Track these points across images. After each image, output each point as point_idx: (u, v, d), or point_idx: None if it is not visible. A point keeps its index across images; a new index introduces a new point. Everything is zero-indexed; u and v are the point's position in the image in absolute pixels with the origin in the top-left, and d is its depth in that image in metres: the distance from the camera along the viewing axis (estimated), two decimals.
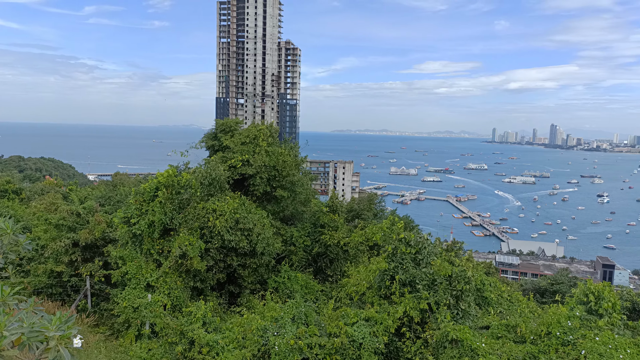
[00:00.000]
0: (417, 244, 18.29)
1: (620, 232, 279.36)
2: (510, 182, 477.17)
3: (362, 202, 42.53)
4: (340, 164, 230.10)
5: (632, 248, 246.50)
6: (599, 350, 11.64)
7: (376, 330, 14.51)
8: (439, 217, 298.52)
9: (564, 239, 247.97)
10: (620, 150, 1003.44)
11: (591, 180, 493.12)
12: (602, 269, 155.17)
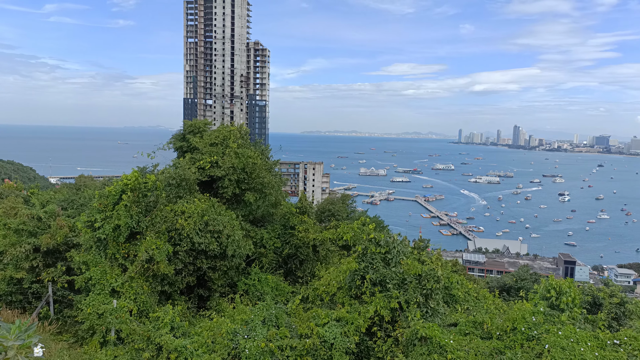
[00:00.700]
0: (387, 244, 18.48)
1: (581, 229, 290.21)
2: (476, 182, 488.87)
3: (336, 202, 42.74)
4: (310, 165, 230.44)
5: (592, 245, 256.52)
6: (562, 344, 12.03)
7: (347, 330, 14.57)
8: (408, 217, 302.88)
9: (527, 237, 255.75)
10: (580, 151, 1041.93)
11: (553, 179, 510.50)
12: (564, 265, 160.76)
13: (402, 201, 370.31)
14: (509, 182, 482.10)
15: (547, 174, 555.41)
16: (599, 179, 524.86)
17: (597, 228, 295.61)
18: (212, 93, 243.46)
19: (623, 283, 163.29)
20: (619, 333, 13.19)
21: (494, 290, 31.28)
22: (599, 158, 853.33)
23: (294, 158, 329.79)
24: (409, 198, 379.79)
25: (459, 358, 12.39)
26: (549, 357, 11.72)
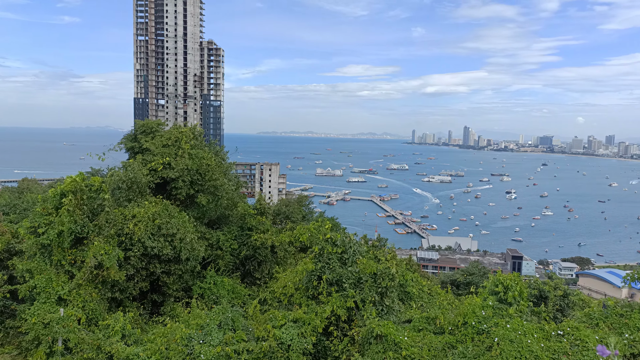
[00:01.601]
0: (343, 244, 18.66)
1: (527, 225, 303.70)
2: (429, 181, 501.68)
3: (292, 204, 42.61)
4: (266, 166, 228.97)
5: (537, 240, 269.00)
6: (510, 336, 12.56)
7: (304, 331, 14.60)
8: (363, 216, 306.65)
9: (477, 234, 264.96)
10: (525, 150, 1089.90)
11: (500, 178, 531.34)
12: (511, 260, 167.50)
13: (358, 201, 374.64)
14: (460, 181, 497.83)
15: (495, 173, 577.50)
16: (543, 178, 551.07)
17: (542, 224, 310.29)
18: (165, 93, 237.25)
19: (566, 276, 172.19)
20: (563, 324, 13.91)
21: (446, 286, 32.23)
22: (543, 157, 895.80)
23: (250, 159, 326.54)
24: (365, 198, 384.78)
25: (413, 354, 12.69)
26: (498, 349, 12.19)
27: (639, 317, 15.27)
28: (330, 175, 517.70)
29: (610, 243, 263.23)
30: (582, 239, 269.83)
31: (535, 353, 12.02)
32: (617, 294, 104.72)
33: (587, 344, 12.78)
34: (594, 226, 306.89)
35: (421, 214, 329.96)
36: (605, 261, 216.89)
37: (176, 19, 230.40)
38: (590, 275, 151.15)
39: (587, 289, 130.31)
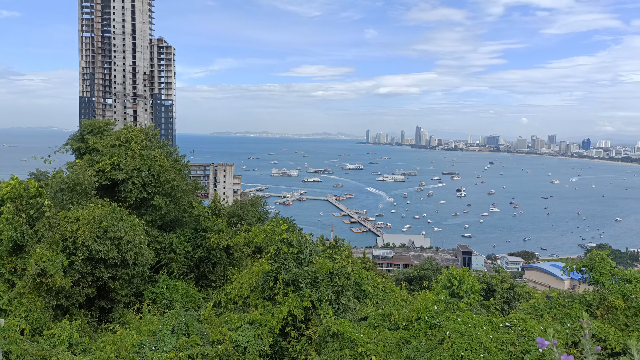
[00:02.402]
0: (299, 244, 18.66)
1: (476, 222, 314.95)
2: (383, 180, 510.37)
3: (246, 206, 42.16)
4: (220, 167, 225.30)
5: (486, 236, 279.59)
6: (461, 329, 12.98)
7: (261, 333, 14.49)
8: (319, 216, 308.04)
9: (430, 231, 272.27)
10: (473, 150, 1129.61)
11: (451, 176, 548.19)
12: (462, 255, 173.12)
13: (314, 201, 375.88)
14: (413, 180, 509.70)
15: (446, 171, 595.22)
16: (491, 176, 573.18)
17: (490, 220, 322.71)
18: (112, 92, 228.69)
19: (513, 270, 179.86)
20: (510, 316, 14.52)
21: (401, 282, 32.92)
22: (490, 156, 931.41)
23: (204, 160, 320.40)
24: (321, 197, 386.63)
25: (369, 350, 12.87)
26: (449, 342, 12.56)
27: (579, 307, 16.17)
28: (286, 176, 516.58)
29: (553, 237, 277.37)
30: (527, 234, 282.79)
31: (485, 344, 12.49)
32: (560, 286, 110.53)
33: (532, 334, 13.40)
34: (538, 222, 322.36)
35: (376, 212, 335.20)
36: (549, 255, 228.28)
37: (124, 15, 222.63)
38: (535, 268, 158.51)
39: (532, 281, 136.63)
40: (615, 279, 16.84)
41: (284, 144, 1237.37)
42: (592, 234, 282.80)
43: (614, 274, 17.09)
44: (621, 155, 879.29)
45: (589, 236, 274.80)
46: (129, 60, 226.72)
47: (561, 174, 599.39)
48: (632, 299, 16.28)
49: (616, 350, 13.82)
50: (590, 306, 16.35)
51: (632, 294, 16.27)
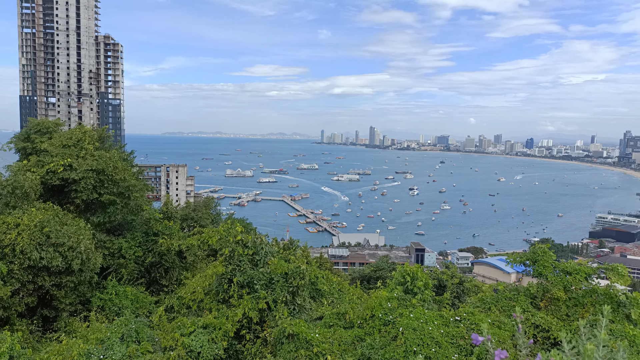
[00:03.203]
0: (254, 245, 18.49)
1: (428, 219, 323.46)
2: (338, 180, 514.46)
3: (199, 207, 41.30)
4: (173, 168, 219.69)
5: (437, 233, 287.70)
6: (413, 325, 13.28)
7: (215, 337, 14.24)
8: (275, 216, 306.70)
9: (384, 229, 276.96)
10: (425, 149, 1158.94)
11: (404, 175, 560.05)
12: (415, 253, 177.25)
13: (269, 201, 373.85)
14: (368, 179, 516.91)
15: (400, 170, 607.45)
16: (442, 174, 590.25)
17: (441, 218, 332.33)
18: (56, 90, 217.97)
19: (463, 265, 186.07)
20: (459, 310, 15.00)
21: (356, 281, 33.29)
22: (440, 155, 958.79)
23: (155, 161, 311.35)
24: (276, 198, 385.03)
25: (324, 350, 12.93)
26: (402, 338, 12.83)
27: (524, 299, 16.93)
28: (241, 176, 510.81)
29: (500, 233, 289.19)
30: (476, 230, 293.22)
31: (436, 339, 12.84)
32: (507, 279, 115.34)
33: (480, 327, 13.90)
34: (486, 218, 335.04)
35: (331, 212, 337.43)
36: (496, 249, 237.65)
37: (67, 10, 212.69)
38: (484, 263, 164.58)
39: (481, 275, 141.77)
40: (556, 272, 17.72)
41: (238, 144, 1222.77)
42: (536, 229, 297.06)
43: (556, 266, 17.99)
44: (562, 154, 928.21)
45: (533, 231, 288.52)
46: (73, 58, 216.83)
47: (507, 172, 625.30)
48: (572, 290, 17.21)
49: (558, 339, 14.58)
50: (534, 298, 17.15)
51: (573, 285, 17.19)
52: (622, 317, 16.30)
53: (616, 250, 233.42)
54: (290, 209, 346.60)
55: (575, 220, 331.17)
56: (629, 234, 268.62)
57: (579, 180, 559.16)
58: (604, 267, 17.76)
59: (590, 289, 16.87)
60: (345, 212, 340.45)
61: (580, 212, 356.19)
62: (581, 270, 17.29)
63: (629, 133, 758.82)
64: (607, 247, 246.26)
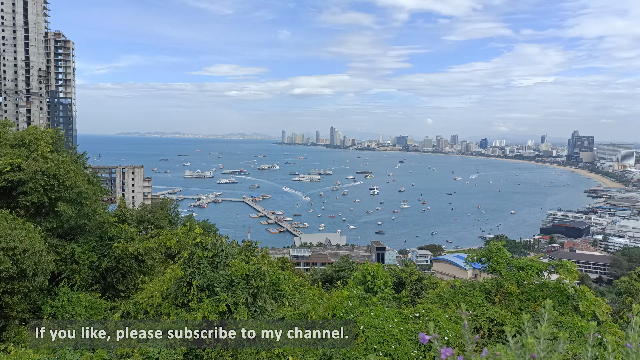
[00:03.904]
0: (214, 247, 18.25)
1: (388, 218, 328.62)
2: (299, 180, 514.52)
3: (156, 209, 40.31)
4: (128, 170, 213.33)
5: (397, 231, 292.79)
6: (374, 323, 13.48)
7: (173, 342, 13.95)
8: (236, 217, 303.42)
9: (345, 229, 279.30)
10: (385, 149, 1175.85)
11: (364, 175, 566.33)
12: (376, 251, 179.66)
13: (230, 202, 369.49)
14: (329, 179, 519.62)
15: (360, 170, 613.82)
16: (401, 174, 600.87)
17: (401, 217, 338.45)
18: (2, 89, 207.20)
19: (422, 262, 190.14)
20: (418, 307, 15.34)
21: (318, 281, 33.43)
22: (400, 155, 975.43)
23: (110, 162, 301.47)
24: (237, 199, 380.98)
25: (286, 351, 12.93)
26: (363, 336, 13.00)
27: (479, 294, 17.49)
28: (200, 177, 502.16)
29: (457, 231, 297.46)
30: (434, 228, 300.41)
31: (396, 336, 13.08)
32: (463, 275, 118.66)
33: (439, 323, 14.27)
34: (444, 216, 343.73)
35: (293, 212, 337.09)
36: (454, 247, 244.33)
37: (14, 5, 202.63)
38: (442, 260, 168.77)
39: (439, 272, 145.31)
40: (510, 267, 18.43)
41: (198, 144, 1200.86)
42: (490, 226, 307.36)
43: (509, 262, 18.71)
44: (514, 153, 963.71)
45: (488, 228, 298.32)
46: (21, 55, 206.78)
47: (463, 172, 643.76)
48: (525, 284, 17.94)
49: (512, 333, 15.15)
50: (489, 293, 17.76)
51: (525, 280, 17.92)
52: (571, 310, 17.12)
53: (565, 246, 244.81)
54: (251, 210, 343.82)
55: (527, 217, 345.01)
56: (577, 229, 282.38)
57: (531, 179, 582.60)
58: (554, 263, 18.62)
59: (542, 284, 17.63)
60: (306, 213, 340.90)
61: (532, 209, 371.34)
62: (533, 266, 18.05)
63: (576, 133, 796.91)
64: (557, 242, 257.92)
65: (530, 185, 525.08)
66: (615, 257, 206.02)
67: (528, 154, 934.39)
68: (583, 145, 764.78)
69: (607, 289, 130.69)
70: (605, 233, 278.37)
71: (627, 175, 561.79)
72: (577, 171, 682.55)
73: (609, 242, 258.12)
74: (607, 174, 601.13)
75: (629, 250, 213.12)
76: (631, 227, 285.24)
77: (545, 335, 3.82)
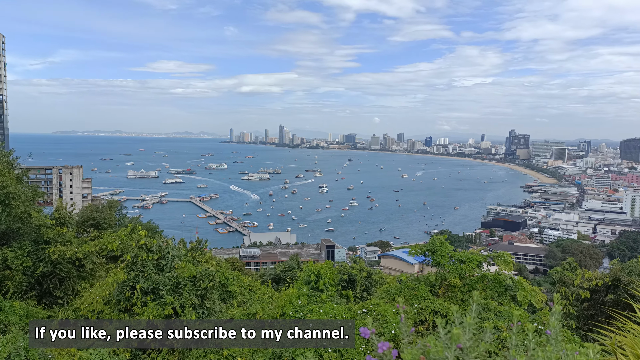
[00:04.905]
0: (159, 249, 17.76)
1: (337, 216, 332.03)
2: (248, 179, 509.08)
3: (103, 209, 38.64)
4: (66, 170, 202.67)
5: (346, 228, 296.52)
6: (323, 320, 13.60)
7: (116, 348, 13.46)
8: (183, 218, 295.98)
9: (295, 227, 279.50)
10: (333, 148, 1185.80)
11: (314, 173, 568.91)
12: (325, 249, 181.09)
13: (176, 203, 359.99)
14: (278, 178, 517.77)
15: (309, 169, 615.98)
16: (349, 172, 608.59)
17: (350, 214, 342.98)
18: None
19: (371, 259, 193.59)
20: (366, 302, 15.65)
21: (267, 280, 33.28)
22: (348, 154, 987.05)
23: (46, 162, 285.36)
24: (184, 199, 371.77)
25: (234, 352, 12.80)
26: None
27: (424, 288, 18.07)
28: (145, 177, 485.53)
29: (404, 227, 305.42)
30: (382, 225, 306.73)
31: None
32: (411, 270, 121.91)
33: (386, 318, 14.62)
34: (391, 213, 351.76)
35: (242, 212, 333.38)
36: (401, 242, 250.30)
37: None
38: (390, 256, 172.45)
39: (387, 268, 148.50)
40: (452, 261, 19.18)
41: (141, 143, 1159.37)
42: (435, 221, 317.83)
43: (452, 255, 19.47)
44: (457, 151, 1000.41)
45: (433, 223, 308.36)
46: None
47: (409, 169, 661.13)
48: (466, 277, 18.72)
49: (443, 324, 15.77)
50: (433, 286, 18.39)
51: (466, 272, 18.71)
52: (509, 300, 18.05)
53: (504, 239, 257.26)
54: (199, 210, 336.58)
55: (469, 212, 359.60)
56: (515, 223, 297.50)
57: (472, 176, 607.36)
58: (493, 255, 19.56)
59: (482, 275, 18.47)
60: (256, 212, 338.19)
61: (473, 205, 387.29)
62: (474, 259, 18.88)
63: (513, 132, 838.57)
64: (497, 235, 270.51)
65: (471, 181, 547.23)
66: (550, 248, 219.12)
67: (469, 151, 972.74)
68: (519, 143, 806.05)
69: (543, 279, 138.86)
70: (540, 226, 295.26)
71: (559, 171, 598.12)
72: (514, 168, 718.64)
73: (544, 234, 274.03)
74: (542, 170, 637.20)
75: (562, 242, 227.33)
76: (564, 220, 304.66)
77: (471, 325, 4.02)
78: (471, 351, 3.97)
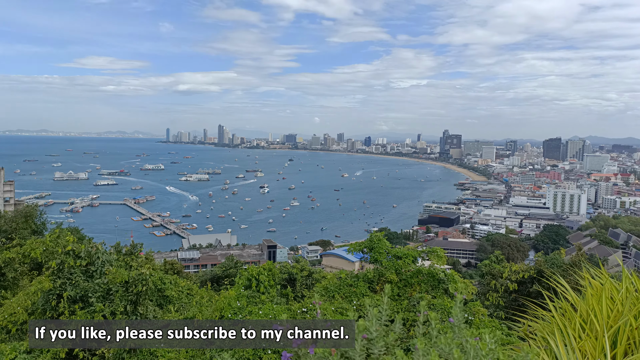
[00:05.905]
0: (88, 255, 16.86)
1: (278, 216, 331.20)
2: (186, 180, 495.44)
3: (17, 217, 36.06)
4: None
5: (288, 228, 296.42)
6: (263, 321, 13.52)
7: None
8: (116, 222, 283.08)
9: (236, 228, 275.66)
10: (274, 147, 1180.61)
11: (255, 174, 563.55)
12: (267, 249, 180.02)
13: (108, 206, 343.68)
14: (218, 179, 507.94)
15: (250, 169, 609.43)
16: (290, 172, 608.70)
17: (291, 214, 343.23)
18: None
19: (313, 258, 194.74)
20: (305, 301, 15.72)
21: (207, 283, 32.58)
22: (289, 153, 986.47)
23: None
24: (117, 202, 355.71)
25: (171, 359, 12.42)
26: None
27: (363, 284, 18.44)
28: (73, 179, 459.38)
29: (345, 225, 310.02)
30: (323, 224, 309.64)
31: None
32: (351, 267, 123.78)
33: (325, 315, 14.76)
34: (332, 212, 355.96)
35: (180, 213, 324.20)
36: (342, 241, 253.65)
37: None
38: (331, 254, 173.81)
39: (329, 266, 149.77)
40: (389, 257, 19.70)
41: (69, 143, 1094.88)
42: (375, 219, 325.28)
43: (389, 252, 19.99)
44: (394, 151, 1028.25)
45: (372, 222, 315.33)
46: None
47: (349, 168, 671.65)
48: (402, 272, 19.29)
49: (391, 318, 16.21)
50: (371, 282, 18.80)
51: (403, 268, 19.28)
52: (442, 292, 18.81)
53: (440, 235, 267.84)
54: (133, 213, 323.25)
55: (407, 209, 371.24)
56: (449, 219, 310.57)
57: (409, 174, 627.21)
58: (426, 250, 20.31)
59: (417, 270, 19.11)
60: (195, 213, 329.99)
61: (410, 203, 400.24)
62: (409, 254, 19.50)
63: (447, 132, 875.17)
64: (432, 232, 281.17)
65: (409, 180, 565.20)
66: (480, 243, 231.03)
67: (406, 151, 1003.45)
68: (452, 143, 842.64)
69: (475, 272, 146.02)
70: (472, 222, 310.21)
71: (489, 170, 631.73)
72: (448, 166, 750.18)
73: (475, 229, 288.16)
74: (473, 169, 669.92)
75: (492, 236, 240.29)
76: (493, 216, 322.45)
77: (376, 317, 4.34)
78: (377, 341, 4.23)
